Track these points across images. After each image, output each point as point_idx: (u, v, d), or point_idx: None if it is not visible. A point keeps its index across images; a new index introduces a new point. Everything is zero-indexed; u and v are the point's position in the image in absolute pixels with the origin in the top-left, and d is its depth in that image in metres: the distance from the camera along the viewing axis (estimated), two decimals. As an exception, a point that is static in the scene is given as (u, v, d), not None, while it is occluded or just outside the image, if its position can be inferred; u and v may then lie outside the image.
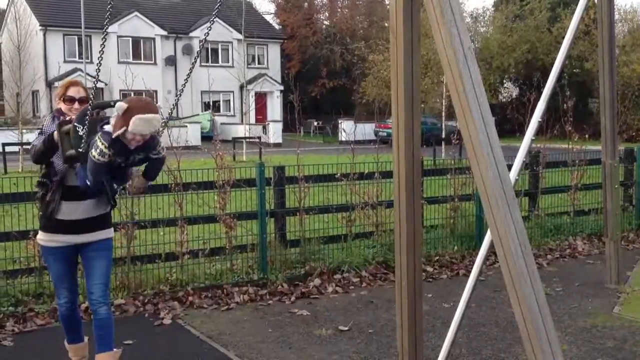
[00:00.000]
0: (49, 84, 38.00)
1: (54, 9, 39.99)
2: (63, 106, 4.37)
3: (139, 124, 3.77)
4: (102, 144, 3.81)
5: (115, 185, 4.26)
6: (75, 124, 3.99)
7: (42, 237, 4.39)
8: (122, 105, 3.80)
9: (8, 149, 20.41)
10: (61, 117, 4.30)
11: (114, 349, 4.52)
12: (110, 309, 4.42)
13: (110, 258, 4.56)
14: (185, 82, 4.31)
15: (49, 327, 5.71)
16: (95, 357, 4.43)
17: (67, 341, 4.66)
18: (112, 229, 4.53)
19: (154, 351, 5.27)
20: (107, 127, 3.89)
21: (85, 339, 4.72)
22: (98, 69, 4.05)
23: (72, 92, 4.37)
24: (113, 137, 3.81)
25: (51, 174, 4.27)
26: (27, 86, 26.48)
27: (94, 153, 3.83)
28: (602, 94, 6.64)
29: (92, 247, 4.35)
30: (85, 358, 4.70)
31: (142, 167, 4.35)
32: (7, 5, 43.71)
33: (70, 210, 4.24)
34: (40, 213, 4.40)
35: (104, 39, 4.04)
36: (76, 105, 4.34)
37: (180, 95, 4.63)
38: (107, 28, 4.12)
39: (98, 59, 3.87)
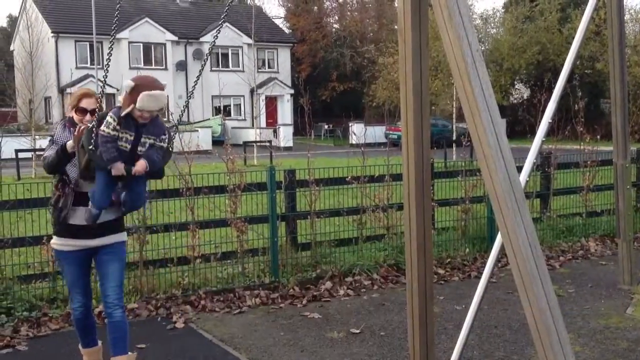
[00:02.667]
0: (61, 91, 38.25)
1: (66, 16, 40.27)
2: (75, 116, 4.41)
3: (146, 100, 3.95)
4: (111, 117, 3.99)
5: (126, 198, 4.29)
6: (89, 124, 4.14)
7: (56, 242, 4.43)
8: (129, 84, 3.99)
9: (21, 155, 20.56)
10: (72, 128, 4.35)
11: (129, 353, 4.55)
12: (124, 312, 4.45)
13: (124, 261, 4.59)
14: (195, 85, 4.35)
15: (63, 331, 5.75)
16: (110, 361, 4.46)
17: (82, 345, 4.70)
18: (125, 232, 4.56)
19: (167, 355, 5.29)
20: (117, 105, 4.12)
21: (99, 343, 4.75)
22: (105, 75, 4.13)
23: (85, 103, 4.41)
24: (122, 114, 3.97)
25: (65, 181, 4.31)
26: (40, 93, 26.62)
27: (103, 128, 3.98)
28: (613, 94, 6.61)
29: (105, 250, 4.39)
30: (99, 362, 4.73)
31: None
32: (19, 12, 44.02)
33: (82, 216, 4.28)
34: (54, 218, 4.44)
35: (110, 47, 4.14)
36: (87, 117, 4.36)
37: (190, 97, 4.67)
38: (114, 34, 4.18)
39: (105, 65, 4.01)
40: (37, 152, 20.89)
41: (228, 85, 37.22)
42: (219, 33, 4.27)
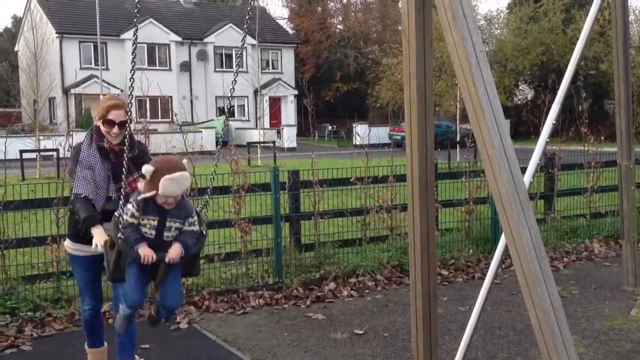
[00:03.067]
0: (66, 91, 38.35)
1: (70, 17, 40.36)
2: (102, 127, 4.21)
3: (168, 185, 3.65)
4: (132, 203, 3.71)
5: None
6: (116, 213, 3.84)
7: (69, 246, 4.40)
8: (148, 169, 3.66)
9: (25, 155, 20.60)
10: (99, 142, 4.18)
11: (136, 357, 4.55)
12: (135, 317, 4.43)
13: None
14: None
15: (67, 331, 5.76)
16: (116, 363, 4.46)
17: (88, 345, 4.69)
18: None
19: (171, 355, 5.30)
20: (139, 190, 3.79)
21: (105, 343, 4.75)
22: (131, 86, 3.93)
23: (113, 115, 4.18)
24: (141, 197, 3.68)
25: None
26: (44, 93, 26.70)
27: (125, 217, 3.71)
28: (618, 95, 6.60)
29: None
30: (103, 363, 4.73)
31: None
32: (24, 13, 44.16)
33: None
34: (70, 222, 4.39)
35: (134, 52, 3.84)
36: (115, 129, 4.17)
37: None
38: (135, 39, 3.86)
39: (131, 66, 3.79)
40: (42, 153, 20.96)
41: (233, 85, 37.23)
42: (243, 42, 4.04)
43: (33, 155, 21.18)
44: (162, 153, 9.17)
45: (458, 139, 26.41)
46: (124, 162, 3.85)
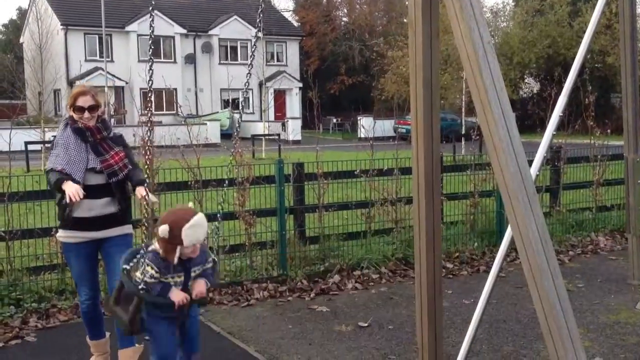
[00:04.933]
0: (71, 83, 38.33)
1: (75, 9, 40.33)
2: (74, 115, 4.41)
3: (191, 234, 3.50)
4: (150, 265, 3.56)
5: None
6: (123, 265, 3.78)
7: (61, 234, 4.45)
8: (164, 229, 3.47)
9: (30, 147, 20.62)
10: (73, 126, 4.38)
11: (136, 344, 4.56)
12: None
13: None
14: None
15: (72, 322, 5.77)
16: (118, 353, 4.47)
17: (89, 337, 4.71)
18: (130, 225, 4.56)
19: (175, 347, 5.30)
20: (152, 247, 3.63)
21: (107, 334, 4.76)
22: (150, 87, 3.80)
23: (81, 102, 4.38)
24: (174, 260, 3.54)
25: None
26: (49, 85, 26.70)
27: (146, 279, 3.57)
28: (625, 88, 6.56)
29: (111, 242, 4.40)
30: (107, 353, 4.75)
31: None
32: (29, 5, 44.12)
33: (87, 208, 4.29)
34: (59, 213, 4.44)
35: (150, 46, 3.84)
36: (86, 114, 4.35)
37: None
38: (152, 32, 3.81)
39: (149, 66, 3.72)
40: (47, 145, 20.95)
41: (236, 78, 37.21)
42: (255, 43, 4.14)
43: (38, 147, 21.20)
44: (166, 146, 9.17)
45: (463, 131, 26.35)
46: (103, 138, 4.14)
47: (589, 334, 5.47)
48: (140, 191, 4.24)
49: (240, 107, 4.47)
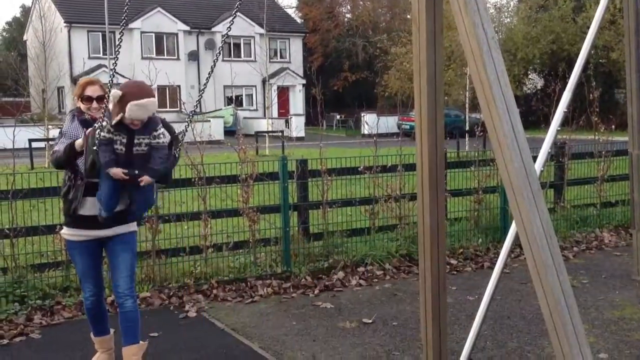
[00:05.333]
0: (74, 80, 38.29)
1: (78, 6, 40.33)
2: (81, 105, 4.44)
3: (134, 110, 3.98)
4: (105, 121, 4.03)
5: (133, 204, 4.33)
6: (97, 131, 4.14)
7: (66, 232, 4.45)
8: (116, 93, 4.00)
9: (34, 144, 20.65)
10: (81, 118, 4.39)
11: (140, 342, 4.56)
12: (136, 302, 4.47)
13: (135, 251, 4.59)
14: (208, 79, 4.36)
15: (76, 319, 5.78)
16: (122, 350, 4.48)
17: (93, 333, 4.72)
18: (135, 222, 4.56)
19: (179, 343, 5.31)
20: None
21: (111, 331, 4.77)
22: (114, 67, 4.16)
23: (89, 91, 4.43)
24: (112, 123, 4.02)
25: (76, 173, 4.32)
26: (53, 82, 26.73)
27: (98, 131, 4.02)
28: (629, 83, 6.52)
29: (115, 240, 4.40)
30: (111, 350, 4.75)
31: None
32: (32, 2, 44.17)
33: (92, 206, 4.29)
34: (64, 209, 4.44)
35: (120, 38, 4.31)
36: (94, 104, 4.40)
37: (203, 91, 4.63)
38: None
39: (114, 56, 4.04)
40: (50, 142, 20.98)
41: (240, 75, 37.24)
42: (231, 24, 4.32)
43: (42, 144, 21.24)
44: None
45: (467, 128, 26.31)
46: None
47: (593, 329, 5.46)
48: (147, 179, 4.29)
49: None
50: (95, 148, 4.03)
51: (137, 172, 4.14)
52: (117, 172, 4.09)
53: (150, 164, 4.21)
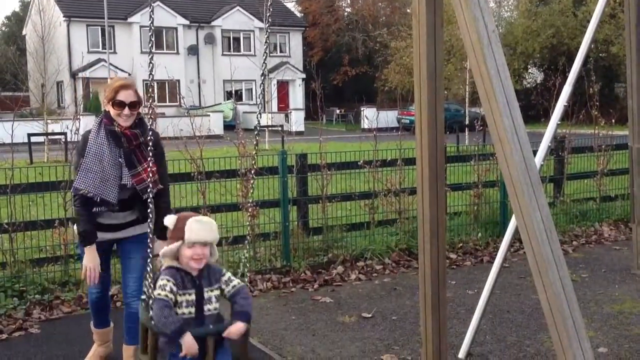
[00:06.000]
0: (73, 75, 38.36)
1: (77, 0, 40.27)
2: (112, 111, 4.03)
3: (195, 229, 3.15)
4: (164, 279, 3.17)
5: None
6: (141, 297, 3.39)
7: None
8: (171, 218, 3.24)
9: (33, 139, 20.63)
10: (109, 126, 4.01)
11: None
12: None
13: (147, 252, 4.50)
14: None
15: (75, 314, 5.77)
16: (123, 348, 4.46)
17: (94, 324, 4.66)
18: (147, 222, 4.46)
19: (179, 338, 5.30)
20: (165, 266, 3.26)
21: (112, 323, 4.74)
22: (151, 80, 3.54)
23: (123, 96, 4.00)
24: (176, 267, 3.21)
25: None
26: (52, 77, 26.71)
27: (158, 291, 3.15)
28: (629, 77, 6.51)
29: (129, 241, 4.31)
30: (109, 342, 4.72)
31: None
32: (31, -4, 44.10)
33: (108, 217, 4.21)
34: (77, 227, 4.24)
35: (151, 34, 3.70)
36: (126, 110, 3.99)
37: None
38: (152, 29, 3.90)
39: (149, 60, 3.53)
40: (50, 137, 20.98)
41: (239, 69, 37.18)
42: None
43: (41, 138, 21.22)
44: (169, 137, 9.16)
45: (467, 122, 26.29)
46: (138, 145, 3.71)
47: (593, 324, 5.46)
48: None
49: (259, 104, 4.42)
50: (159, 297, 3.11)
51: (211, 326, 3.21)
52: (191, 344, 3.05)
53: (238, 310, 3.29)
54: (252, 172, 3.87)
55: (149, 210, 3.38)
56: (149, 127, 3.93)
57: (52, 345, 5.16)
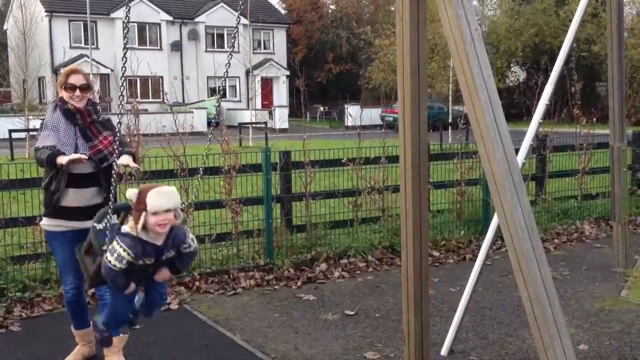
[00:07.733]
0: (55, 71, 37.97)
1: (60, -5, 39.90)
2: (65, 94, 4.37)
3: (155, 198, 3.41)
4: (120, 246, 3.43)
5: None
6: (94, 224, 3.68)
7: (46, 223, 4.41)
8: (133, 192, 3.49)
9: (15, 135, 20.44)
10: (63, 108, 4.32)
11: (121, 334, 4.53)
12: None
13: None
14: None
15: (56, 312, 5.73)
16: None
17: (74, 326, 4.68)
18: (116, 215, 4.50)
19: (161, 336, 5.28)
20: (125, 228, 3.54)
21: (91, 323, 4.72)
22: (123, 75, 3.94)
23: (73, 79, 4.35)
24: (136, 233, 3.45)
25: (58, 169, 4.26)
26: (33, 72, 26.42)
27: (109, 258, 3.45)
28: (611, 75, 6.58)
29: None
30: (92, 343, 4.71)
31: None
32: (13, -9, 43.62)
33: (74, 198, 4.25)
34: (45, 201, 4.38)
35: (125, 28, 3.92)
36: (77, 92, 4.33)
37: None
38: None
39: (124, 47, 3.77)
40: (31, 133, 20.80)
41: (223, 66, 36.97)
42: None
43: (22, 135, 21.03)
44: (152, 134, 9.11)
45: (450, 120, 26.40)
46: (93, 122, 4.08)
47: (574, 321, 5.50)
48: (125, 159, 4.20)
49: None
50: (105, 248, 3.52)
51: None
52: (133, 288, 3.65)
53: (177, 265, 3.75)
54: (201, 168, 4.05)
55: (112, 180, 3.67)
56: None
57: (33, 344, 5.12)
